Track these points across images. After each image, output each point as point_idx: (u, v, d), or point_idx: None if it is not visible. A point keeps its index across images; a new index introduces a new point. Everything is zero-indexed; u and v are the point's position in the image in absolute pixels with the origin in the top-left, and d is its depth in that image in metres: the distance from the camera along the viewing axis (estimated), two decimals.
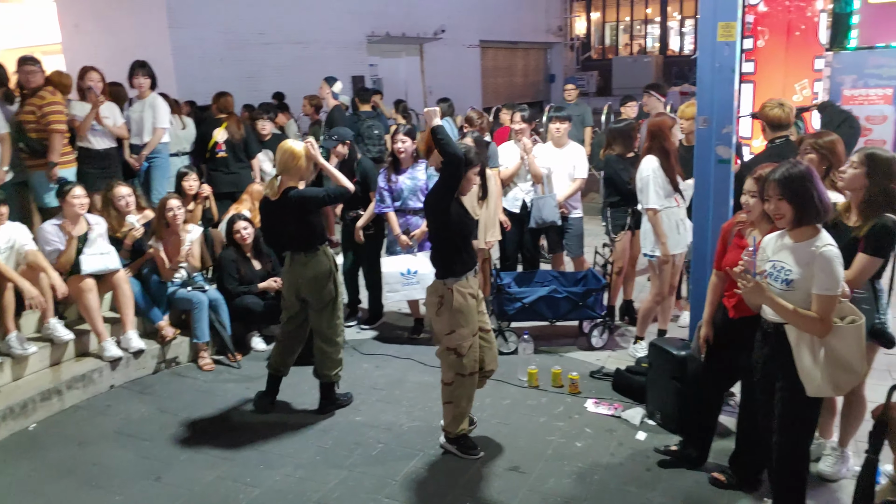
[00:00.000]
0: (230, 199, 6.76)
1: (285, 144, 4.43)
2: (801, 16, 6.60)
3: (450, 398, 4.02)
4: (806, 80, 6.75)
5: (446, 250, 3.94)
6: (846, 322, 2.91)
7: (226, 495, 3.79)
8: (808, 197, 2.88)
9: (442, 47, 20.04)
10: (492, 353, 4.18)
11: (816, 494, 3.55)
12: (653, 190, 4.92)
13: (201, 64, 12.58)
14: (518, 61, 26.17)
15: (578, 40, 29.95)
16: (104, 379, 5.11)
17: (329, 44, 15.74)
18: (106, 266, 5.13)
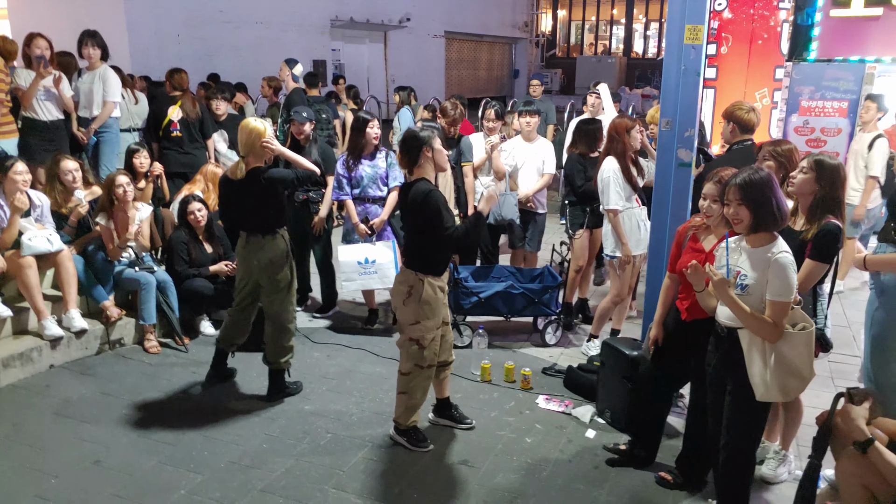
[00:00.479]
0: (183, 179, 6.60)
1: (248, 124, 4.32)
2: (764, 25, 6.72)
3: (405, 388, 4.00)
4: (766, 89, 6.89)
5: (430, 249, 3.89)
6: (797, 329, 2.96)
7: (167, 481, 3.70)
8: (767, 203, 2.91)
9: (406, 36, 19.95)
10: (447, 344, 4.16)
11: (759, 497, 3.61)
12: (613, 191, 4.95)
13: (157, 39, 12.27)
14: (483, 55, 26.23)
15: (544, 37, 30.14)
16: (43, 358, 4.94)
17: (291, 26, 15.52)
18: (49, 247, 4.94)
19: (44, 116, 6.05)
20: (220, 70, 12.13)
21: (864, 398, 3.09)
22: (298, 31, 15.68)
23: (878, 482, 2.94)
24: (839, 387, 3.25)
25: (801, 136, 7.80)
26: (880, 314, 3.46)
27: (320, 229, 5.84)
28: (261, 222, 4.39)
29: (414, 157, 3.87)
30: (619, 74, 26.39)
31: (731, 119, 4.64)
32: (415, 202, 3.80)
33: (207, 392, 4.72)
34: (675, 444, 3.90)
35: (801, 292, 3.31)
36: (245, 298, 4.60)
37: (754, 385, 2.98)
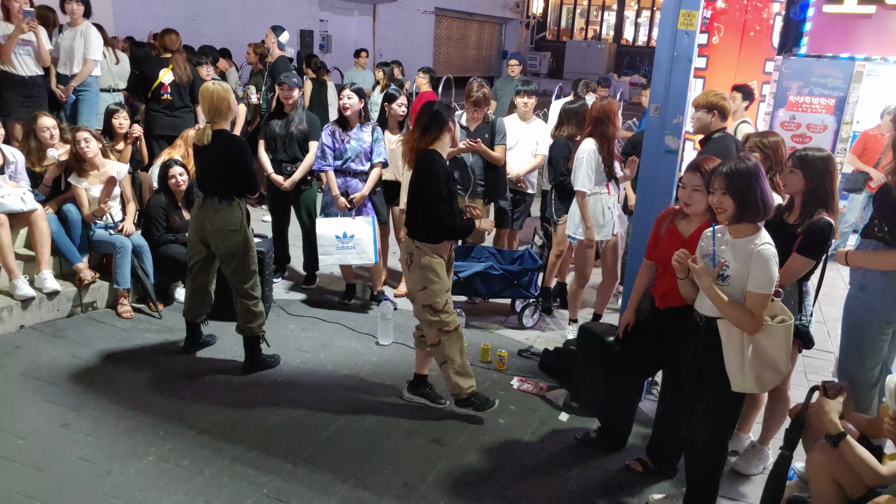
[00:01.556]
0: (169, 143, 6.50)
1: (209, 88, 4.24)
2: (757, 17, 6.71)
3: (443, 358, 4.02)
4: (755, 82, 6.89)
5: (425, 217, 3.89)
6: (776, 321, 2.98)
7: (135, 447, 3.67)
8: (752, 194, 2.90)
9: (396, 10, 19.75)
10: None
11: (729, 486, 3.64)
12: (584, 172, 4.93)
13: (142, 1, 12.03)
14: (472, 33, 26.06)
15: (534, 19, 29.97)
16: (14, 318, 4.86)
17: None
18: (22, 206, 4.84)
19: (22, 71, 5.91)
20: (206, 34, 11.95)
21: (839, 392, 3.11)
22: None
23: (847, 476, 2.98)
24: (812, 381, 3.28)
25: (787, 130, 7.83)
26: (859, 310, 3.47)
27: (290, 186, 5.76)
28: (219, 185, 4.33)
29: (440, 129, 3.86)
30: (609, 61, 26.33)
31: (713, 108, 4.62)
32: (419, 167, 3.84)
33: (180, 360, 4.68)
34: (647, 430, 3.93)
35: (784, 286, 3.33)
36: (196, 264, 4.54)
37: (731, 375, 3.00)
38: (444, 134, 3.87)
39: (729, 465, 3.75)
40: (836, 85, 7.61)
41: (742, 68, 6.84)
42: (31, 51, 5.90)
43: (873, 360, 3.48)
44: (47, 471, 3.43)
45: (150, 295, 5.31)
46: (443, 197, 3.81)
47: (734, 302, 2.94)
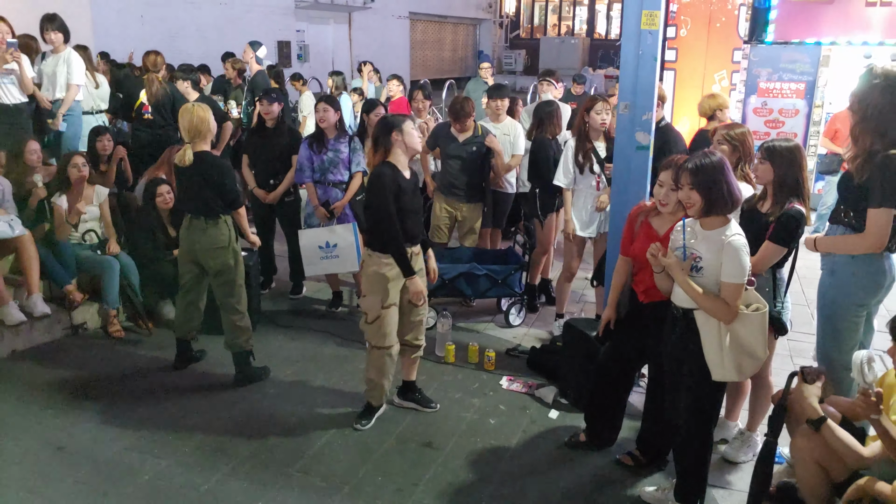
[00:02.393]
0: (154, 161, 6.54)
1: (189, 108, 4.32)
2: (722, 8, 6.84)
3: (366, 363, 4.11)
4: (724, 71, 7.02)
5: (372, 225, 3.97)
6: (750, 309, 3.03)
7: (130, 466, 3.72)
8: (718, 188, 2.97)
9: (371, 16, 19.80)
10: (413, 326, 4.20)
11: (719, 475, 3.70)
12: (560, 166, 5.10)
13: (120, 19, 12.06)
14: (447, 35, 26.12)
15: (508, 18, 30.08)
16: (5, 344, 4.91)
17: (255, 7, 15.33)
18: (9, 231, 4.90)
19: (6, 100, 5.96)
20: (183, 51, 11.97)
21: (817, 377, 3.16)
22: (262, 11, 15.48)
23: (831, 459, 3.03)
24: (798, 365, 3.35)
25: (759, 117, 7.98)
26: (831, 294, 3.53)
27: (274, 199, 5.84)
28: (203, 205, 4.41)
29: (387, 141, 3.89)
30: (583, 55, 26.47)
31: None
32: (369, 182, 3.97)
33: (172, 376, 4.73)
34: (637, 424, 3.96)
35: (757, 273, 3.39)
36: (188, 282, 4.63)
37: (710, 365, 3.05)
38: (393, 146, 3.89)
39: (718, 453, 3.81)
40: (805, 70, 7.79)
41: (711, 58, 6.97)
42: (14, 79, 5.95)
43: (849, 342, 3.53)
44: (43, 495, 3.48)
45: (139, 313, 5.37)
46: (387, 211, 3.82)
47: (709, 293, 3.01)
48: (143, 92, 6.87)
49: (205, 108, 4.34)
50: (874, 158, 3.23)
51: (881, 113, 3.24)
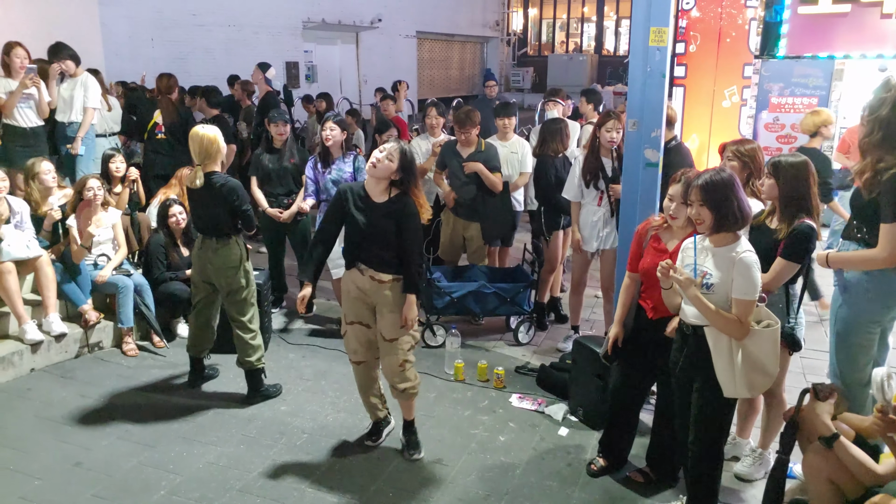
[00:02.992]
0: (167, 182, 6.66)
1: (198, 132, 4.41)
2: (732, 23, 6.87)
3: None
4: (735, 87, 7.03)
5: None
6: (762, 326, 3.02)
7: (146, 482, 3.79)
8: (729, 204, 2.96)
9: (378, 36, 19.98)
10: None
11: (731, 493, 3.70)
12: (568, 181, 5.21)
13: (131, 42, 12.25)
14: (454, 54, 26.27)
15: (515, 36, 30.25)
16: (24, 362, 5.00)
17: (263, 28, 15.51)
18: (27, 253, 5.02)
19: (23, 123, 6.12)
20: (193, 73, 12.14)
21: (829, 394, 3.15)
22: (270, 32, 15.67)
23: (844, 477, 3.00)
24: (811, 382, 3.35)
25: (771, 132, 7.91)
26: (843, 311, 3.49)
27: (288, 218, 5.89)
28: (214, 226, 4.49)
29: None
30: (591, 72, 26.56)
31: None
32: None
33: (185, 393, 4.81)
34: (647, 440, 3.96)
35: (770, 291, 3.39)
36: (200, 301, 4.71)
37: (721, 382, 3.04)
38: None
39: (730, 470, 3.81)
40: (818, 84, 7.64)
41: (721, 74, 6.99)
42: (32, 103, 6.12)
43: (864, 359, 3.50)
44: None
45: (155, 329, 5.47)
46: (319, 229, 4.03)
47: (720, 309, 3.00)
48: (156, 113, 7.02)
49: (214, 130, 4.44)
50: (883, 174, 3.19)
51: (889, 126, 3.20)
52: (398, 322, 3.84)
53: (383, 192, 3.79)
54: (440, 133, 6.38)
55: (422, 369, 5.09)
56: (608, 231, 5.16)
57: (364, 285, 3.87)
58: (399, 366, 3.90)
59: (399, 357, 3.89)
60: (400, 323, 3.84)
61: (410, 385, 3.95)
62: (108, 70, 10.11)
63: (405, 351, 3.90)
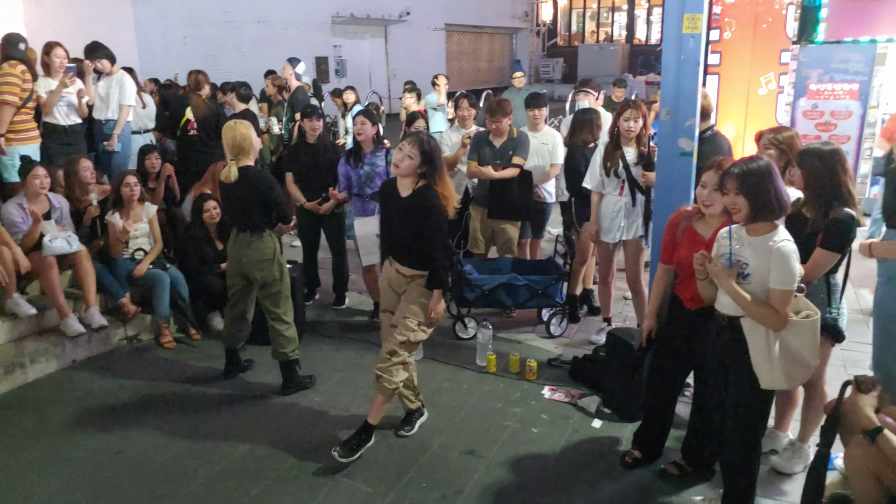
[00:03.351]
0: (199, 178, 6.76)
1: (232, 126, 4.46)
2: (768, 8, 6.71)
3: None
4: (772, 73, 6.88)
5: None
6: (801, 316, 2.97)
7: (184, 471, 3.86)
8: (766, 193, 2.91)
9: (407, 30, 20.01)
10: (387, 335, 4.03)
11: (769, 486, 3.65)
12: (590, 169, 5.18)
13: (164, 41, 12.45)
14: (483, 46, 26.20)
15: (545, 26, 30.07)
16: (66, 354, 5.13)
17: (292, 24, 15.64)
18: (68, 248, 5.14)
19: (63, 121, 6.27)
20: (224, 69, 12.31)
21: (872, 386, 3.07)
22: (300, 28, 15.80)
23: (887, 471, 2.93)
24: (852, 375, 3.30)
25: (810, 119, 7.68)
26: (887, 302, 3.44)
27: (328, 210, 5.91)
28: (248, 220, 4.54)
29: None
30: (622, 62, 26.33)
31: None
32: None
33: (221, 385, 4.89)
34: (681, 433, 3.93)
35: (810, 281, 3.33)
36: (235, 294, 4.78)
37: (759, 374, 2.99)
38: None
39: (768, 464, 3.76)
40: (859, 69, 7.37)
41: (757, 61, 6.83)
42: (70, 102, 6.26)
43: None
44: (105, 496, 3.64)
45: (192, 322, 5.57)
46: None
47: (757, 300, 2.95)
48: (188, 110, 7.13)
49: (247, 125, 4.49)
50: None
51: None
52: (407, 314, 3.85)
53: (409, 186, 3.81)
54: (471, 125, 6.37)
55: (453, 361, 5.14)
56: (630, 221, 5.14)
57: (392, 277, 3.96)
58: (387, 353, 3.86)
59: (390, 345, 3.87)
60: (407, 315, 3.85)
61: (387, 381, 3.84)
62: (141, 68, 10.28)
63: (398, 343, 3.84)
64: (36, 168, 5.16)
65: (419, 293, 3.87)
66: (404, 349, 3.87)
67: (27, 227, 5.11)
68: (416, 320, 3.86)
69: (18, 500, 3.62)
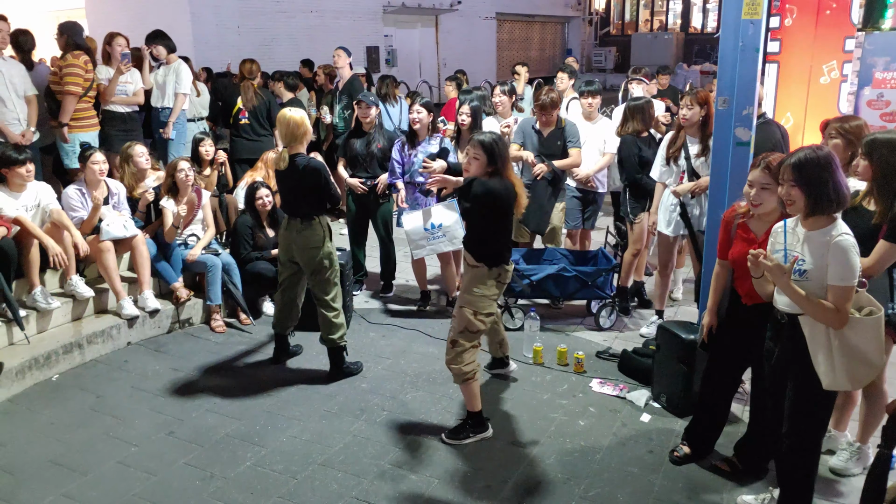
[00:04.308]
0: (250, 166, 6.87)
1: (286, 115, 4.49)
2: None
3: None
4: (834, 62, 6.65)
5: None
6: (863, 314, 2.85)
7: (234, 452, 3.94)
8: (823, 185, 2.78)
9: (458, 19, 19.95)
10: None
11: (827, 488, 3.56)
12: (655, 160, 5.14)
13: (218, 31, 12.66)
14: (535, 35, 25.97)
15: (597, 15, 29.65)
16: (122, 335, 5.28)
17: (343, 14, 15.74)
18: (124, 232, 5.27)
19: (121, 108, 6.42)
20: (277, 59, 12.45)
21: None
22: (351, 17, 15.88)
23: None
24: None
25: (874, 109, 7.41)
26: None
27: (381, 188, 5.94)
28: (298, 207, 4.59)
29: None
30: (677, 51, 25.77)
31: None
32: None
33: (270, 370, 4.96)
34: (734, 430, 3.89)
35: (874, 276, 3.20)
36: (286, 280, 4.83)
37: (820, 374, 2.88)
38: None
39: (825, 464, 3.66)
40: None
41: (819, 49, 6.61)
42: (128, 89, 6.41)
43: None
44: (158, 475, 3.74)
45: (242, 307, 5.66)
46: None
47: (815, 297, 2.83)
48: (239, 98, 7.23)
49: (301, 113, 4.52)
50: None
51: None
52: (463, 303, 3.96)
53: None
54: (510, 114, 6.28)
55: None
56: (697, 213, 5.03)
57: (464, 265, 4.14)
58: (450, 342, 4.00)
59: (451, 334, 4.01)
60: (462, 305, 3.97)
61: (456, 371, 3.98)
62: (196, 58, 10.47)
63: (457, 332, 3.95)
64: (95, 154, 5.31)
65: (472, 282, 3.94)
66: (464, 338, 3.94)
67: (86, 211, 5.26)
68: (471, 309, 3.92)
69: (75, 476, 3.73)
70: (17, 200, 4.96)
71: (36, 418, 4.32)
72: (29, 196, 5.03)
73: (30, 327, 4.90)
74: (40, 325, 5.01)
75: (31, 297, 4.96)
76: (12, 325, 4.75)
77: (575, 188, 6.02)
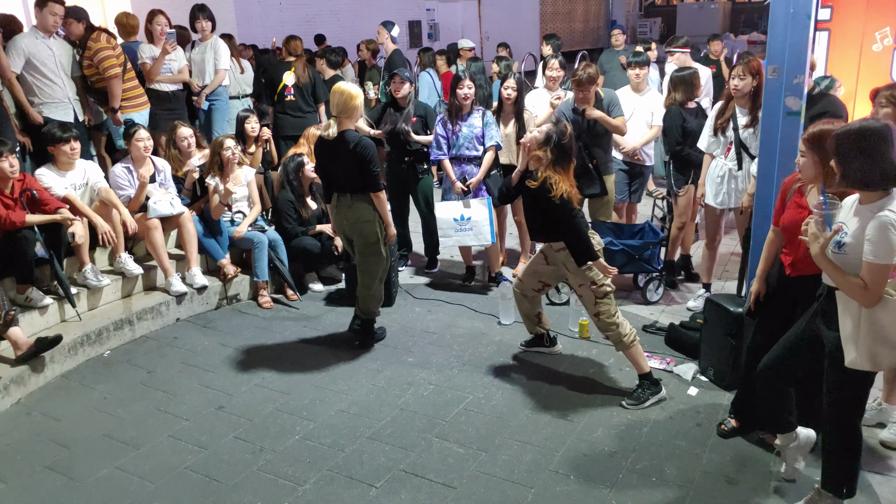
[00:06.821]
0: (295, 142, 6.89)
1: (340, 87, 4.47)
2: None
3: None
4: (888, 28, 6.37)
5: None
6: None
7: (283, 426, 3.98)
8: (852, 159, 2.71)
9: None
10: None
11: (876, 460, 3.49)
12: (704, 131, 5.05)
13: (261, 7, 12.68)
14: (578, 6, 25.51)
15: None
16: (171, 312, 5.36)
17: None
18: (171, 210, 5.34)
19: (165, 87, 6.48)
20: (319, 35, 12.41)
21: None
22: None
23: None
24: None
25: None
26: None
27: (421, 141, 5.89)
28: (348, 182, 4.55)
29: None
30: (723, 20, 25.06)
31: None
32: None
33: (317, 345, 5.00)
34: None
35: None
36: (354, 254, 4.81)
37: (845, 349, 2.82)
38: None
39: (876, 437, 3.60)
40: None
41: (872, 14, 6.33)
42: (172, 68, 6.45)
43: None
44: (208, 448, 3.79)
45: (289, 283, 5.70)
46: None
47: (846, 273, 2.76)
48: (285, 74, 7.23)
49: (357, 89, 4.48)
50: None
51: None
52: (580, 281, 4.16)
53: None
54: (557, 87, 6.16)
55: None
56: (731, 188, 4.94)
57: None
58: (594, 315, 4.17)
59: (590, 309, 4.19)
60: (581, 282, 4.16)
61: (615, 337, 4.13)
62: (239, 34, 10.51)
63: (593, 304, 4.13)
64: (139, 131, 5.36)
65: (569, 259, 4.12)
66: (602, 307, 4.11)
67: (133, 189, 5.33)
68: (587, 283, 4.11)
69: (128, 450, 3.81)
70: (65, 179, 5.05)
71: (89, 393, 4.43)
72: (77, 174, 5.13)
73: (81, 304, 5.01)
74: (91, 303, 5.12)
75: (82, 275, 5.06)
76: (64, 302, 4.86)
77: (622, 161, 5.90)
